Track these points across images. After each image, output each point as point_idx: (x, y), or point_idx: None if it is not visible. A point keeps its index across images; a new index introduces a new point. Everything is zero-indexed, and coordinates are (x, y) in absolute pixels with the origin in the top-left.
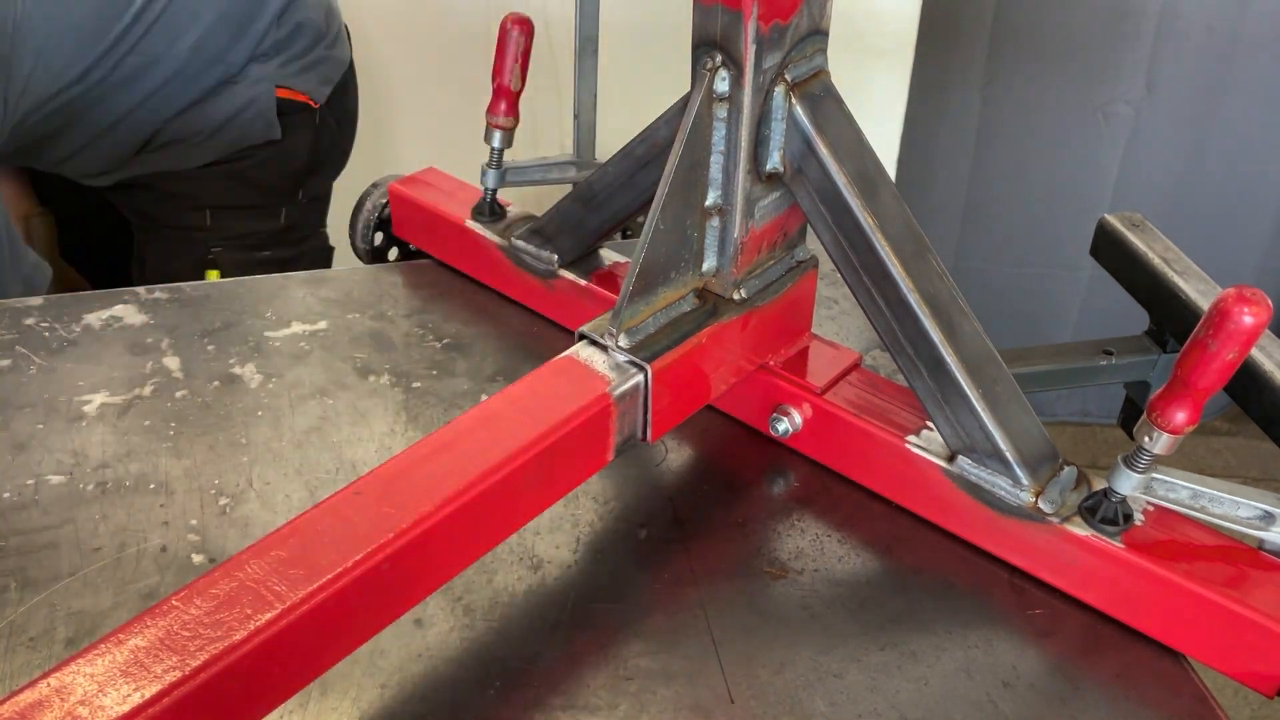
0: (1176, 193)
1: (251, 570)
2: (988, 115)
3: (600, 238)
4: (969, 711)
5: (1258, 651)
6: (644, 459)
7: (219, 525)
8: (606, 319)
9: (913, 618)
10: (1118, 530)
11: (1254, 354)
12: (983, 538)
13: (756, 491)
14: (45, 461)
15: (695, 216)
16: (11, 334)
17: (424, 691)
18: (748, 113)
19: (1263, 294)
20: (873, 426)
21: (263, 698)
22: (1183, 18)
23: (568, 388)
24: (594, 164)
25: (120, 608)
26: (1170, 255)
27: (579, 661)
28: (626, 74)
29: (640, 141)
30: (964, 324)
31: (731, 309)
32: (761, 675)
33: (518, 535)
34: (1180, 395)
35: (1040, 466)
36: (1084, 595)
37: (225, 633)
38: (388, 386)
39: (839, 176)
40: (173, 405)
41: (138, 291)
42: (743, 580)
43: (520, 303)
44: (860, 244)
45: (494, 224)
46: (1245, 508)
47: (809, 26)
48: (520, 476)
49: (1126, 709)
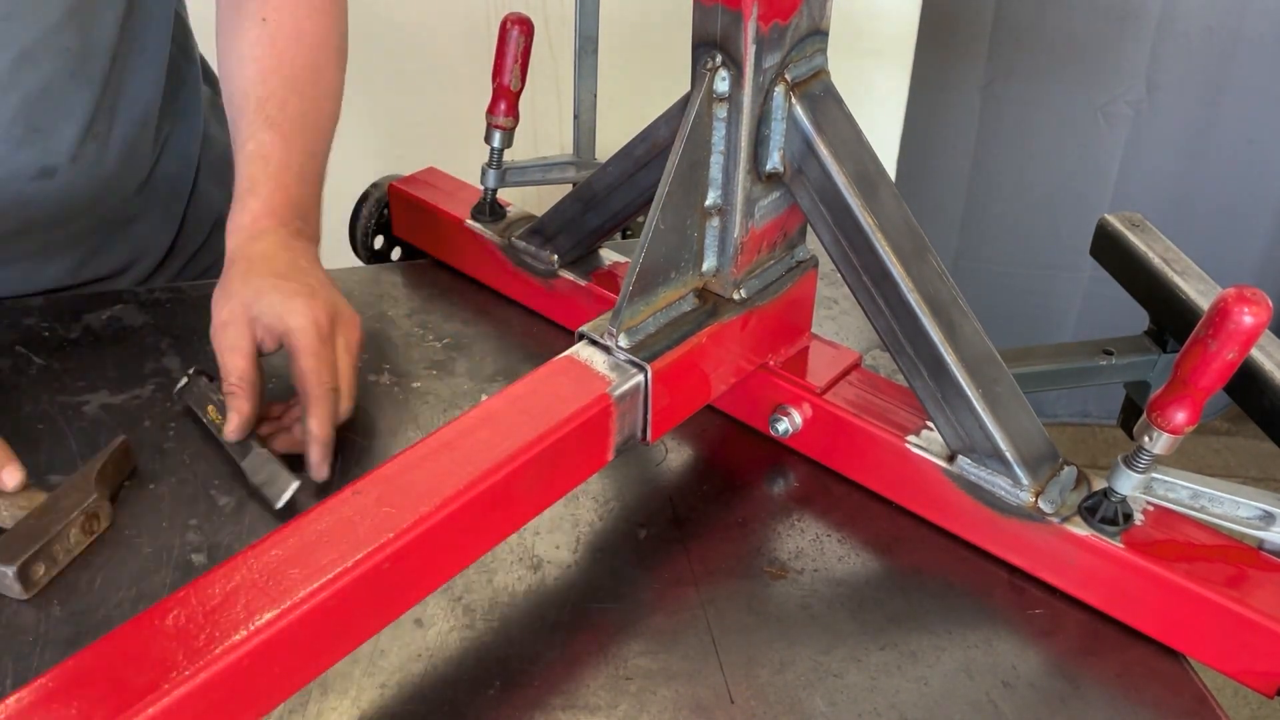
0: (1176, 192)
1: (252, 570)
2: (988, 115)
3: (600, 238)
4: (969, 711)
5: (1258, 651)
6: (644, 459)
7: (219, 525)
8: (606, 319)
9: (913, 618)
10: (1117, 530)
11: (1254, 354)
12: (983, 538)
13: (756, 491)
14: (45, 462)
15: (695, 216)
16: (11, 334)
17: (424, 691)
18: (748, 113)
19: (1263, 294)
20: (873, 426)
21: (263, 697)
22: (1183, 18)
23: (568, 388)
24: (594, 164)
25: (120, 608)
26: (1170, 255)
27: (579, 661)
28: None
29: (640, 141)
30: (964, 324)
31: (731, 309)
32: (761, 675)
33: (518, 535)
34: (1180, 395)
35: (1040, 466)
36: (1084, 595)
37: (225, 633)
38: (388, 386)
39: (839, 176)
40: (173, 405)
41: (137, 291)
42: (743, 580)
43: (520, 303)
44: (860, 244)
45: (494, 224)
46: (1245, 508)
47: (809, 26)
48: (520, 476)
49: (1126, 709)
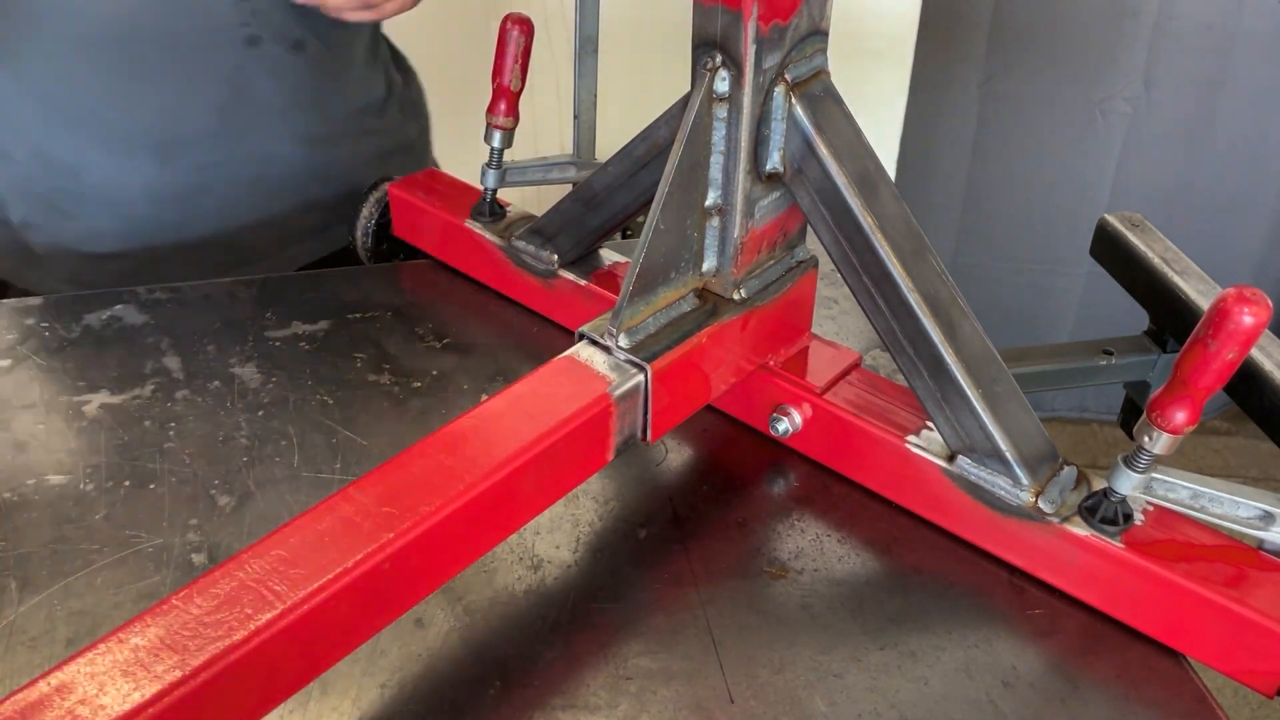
0: (1175, 190)
1: (251, 570)
2: (987, 114)
3: (600, 238)
4: (969, 711)
5: (1258, 651)
6: (644, 459)
7: (219, 525)
8: (606, 319)
9: (913, 618)
10: (1118, 530)
11: (1254, 354)
12: (983, 538)
13: (756, 491)
14: (45, 461)
15: (695, 216)
16: (11, 334)
17: (424, 691)
18: (748, 113)
19: (1263, 294)
20: (872, 426)
21: (263, 698)
22: (1181, 15)
23: (568, 388)
24: (594, 164)
25: (120, 608)
26: (1170, 255)
27: (579, 661)
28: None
29: (640, 141)
30: (964, 324)
31: (731, 309)
32: (761, 675)
33: (518, 535)
34: (1180, 395)
35: (1040, 466)
36: (1084, 595)
37: (225, 633)
38: (388, 386)
39: (839, 176)
40: (173, 405)
41: (138, 291)
42: (743, 580)
43: (520, 303)
44: (860, 244)
45: (494, 224)
46: (1245, 508)
47: (809, 27)
48: (520, 476)
49: (1126, 709)
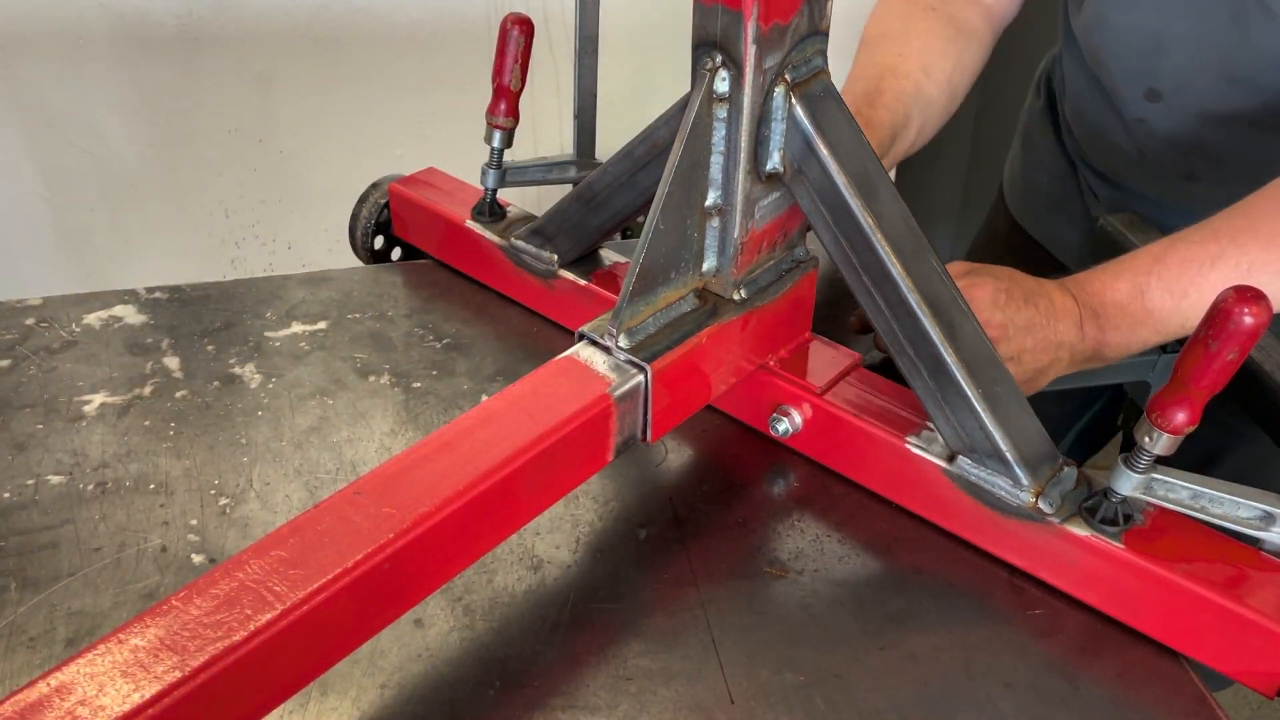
0: None
1: (251, 570)
2: (987, 113)
3: (600, 238)
4: (969, 711)
5: (1258, 651)
6: (644, 459)
7: (219, 525)
8: (606, 319)
9: (913, 618)
10: (1118, 530)
11: (1254, 354)
12: (983, 538)
13: (756, 491)
14: (45, 461)
15: (695, 216)
16: (11, 334)
17: (424, 691)
18: (748, 113)
19: (1263, 294)
20: (872, 426)
21: (263, 698)
22: None
23: (568, 388)
24: (594, 164)
25: (120, 608)
26: None
27: (579, 661)
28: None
29: (640, 141)
30: (964, 324)
31: (731, 309)
32: (761, 675)
33: (518, 535)
34: (1180, 395)
35: (1040, 466)
36: (1084, 595)
37: (225, 633)
38: (388, 386)
39: (839, 176)
40: (173, 405)
41: (138, 291)
42: (743, 580)
43: (520, 303)
44: (860, 244)
45: (494, 224)
46: (1245, 508)
47: (809, 27)
48: (520, 476)
49: (1126, 709)
